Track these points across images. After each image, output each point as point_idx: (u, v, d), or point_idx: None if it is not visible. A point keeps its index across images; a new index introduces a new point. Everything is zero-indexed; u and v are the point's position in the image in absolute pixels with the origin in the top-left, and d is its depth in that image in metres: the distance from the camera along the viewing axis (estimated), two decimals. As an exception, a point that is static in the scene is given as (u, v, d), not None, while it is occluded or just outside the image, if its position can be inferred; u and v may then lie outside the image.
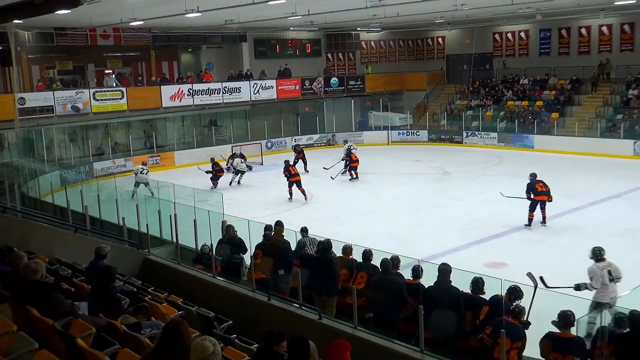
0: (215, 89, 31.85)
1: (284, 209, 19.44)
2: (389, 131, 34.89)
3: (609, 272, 9.59)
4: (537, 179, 16.93)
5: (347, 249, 9.74)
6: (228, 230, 11.40)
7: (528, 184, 16.77)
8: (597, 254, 9.81)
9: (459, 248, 15.18)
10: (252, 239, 10.32)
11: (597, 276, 9.59)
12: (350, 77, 37.58)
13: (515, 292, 7.56)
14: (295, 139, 32.72)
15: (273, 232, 10.70)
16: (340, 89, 36.33)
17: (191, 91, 30.99)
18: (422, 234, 16.67)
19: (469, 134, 33.08)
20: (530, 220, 16.92)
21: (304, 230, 10.94)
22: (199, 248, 11.62)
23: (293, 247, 10.48)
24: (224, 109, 32.71)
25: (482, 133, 32.56)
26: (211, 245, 11.15)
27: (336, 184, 23.87)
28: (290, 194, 21.25)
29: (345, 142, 28.91)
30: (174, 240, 12.08)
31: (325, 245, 9.77)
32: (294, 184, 21.09)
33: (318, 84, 35.68)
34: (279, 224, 10.79)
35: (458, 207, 19.18)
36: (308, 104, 35.85)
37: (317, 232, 10.60)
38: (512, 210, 18.35)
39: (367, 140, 34.52)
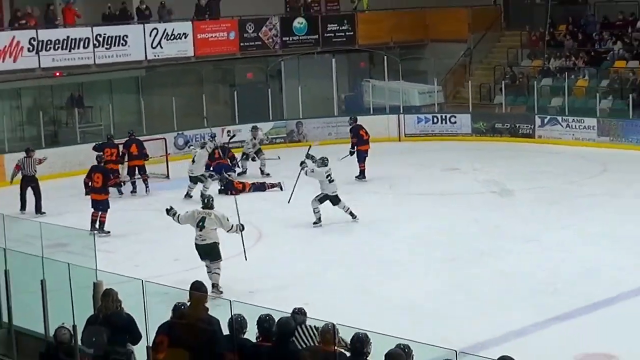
0: (81, 40, 24.60)
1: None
2: (402, 116, 27.45)
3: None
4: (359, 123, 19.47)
5: (326, 334, 7.66)
6: (106, 299, 9.42)
7: (353, 128, 19.12)
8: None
9: (527, 330, 12.06)
10: (152, 314, 8.37)
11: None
12: (329, 16, 29.32)
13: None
14: (228, 131, 24.12)
15: (189, 304, 9.10)
16: (312, 38, 28.02)
17: (35, 43, 23.96)
18: (460, 306, 13.05)
19: (545, 120, 26.45)
20: (362, 172, 19.12)
21: (298, 314, 8.43)
22: (51, 333, 9.43)
23: (225, 327, 8.10)
24: (97, 77, 26.05)
25: (570, 119, 26.05)
26: (73, 327, 8.85)
27: (306, 211, 18.20)
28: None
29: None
30: (5, 319, 10.17)
31: (285, 327, 7.80)
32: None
33: (271, 29, 27.54)
34: (198, 287, 9.02)
35: (527, 256, 15.48)
36: (252, 68, 28.60)
37: (271, 303, 8.53)
38: (627, 260, 14.44)
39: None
